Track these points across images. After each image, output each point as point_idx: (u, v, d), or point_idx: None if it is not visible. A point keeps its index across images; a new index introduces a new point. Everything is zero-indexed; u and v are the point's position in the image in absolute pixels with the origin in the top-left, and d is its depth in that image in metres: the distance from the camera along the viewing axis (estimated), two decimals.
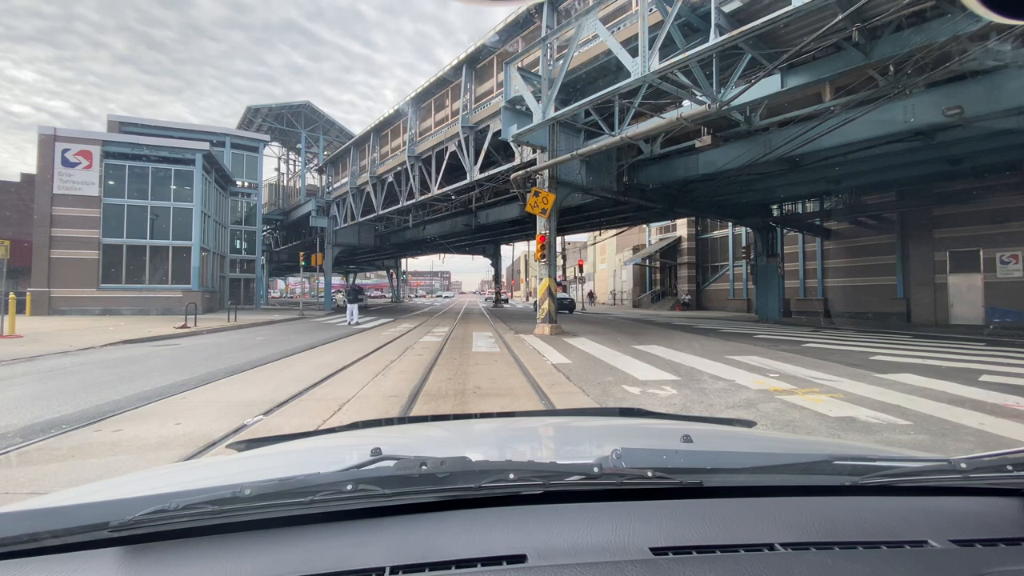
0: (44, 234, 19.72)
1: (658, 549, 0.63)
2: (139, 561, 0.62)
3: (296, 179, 38.38)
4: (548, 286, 13.03)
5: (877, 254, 19.77)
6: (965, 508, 0.78)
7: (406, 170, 20.17)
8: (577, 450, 1.31)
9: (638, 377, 6.50)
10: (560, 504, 0.73)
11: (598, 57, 10.76)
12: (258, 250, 30.84)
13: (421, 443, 1.36)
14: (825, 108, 9.94)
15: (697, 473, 0.77)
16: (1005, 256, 16.25)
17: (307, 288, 71.25)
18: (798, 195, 19.56)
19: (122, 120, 26.53)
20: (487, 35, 14.30)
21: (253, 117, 33.28)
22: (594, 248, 44.67)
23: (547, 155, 12.68)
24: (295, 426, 4.08)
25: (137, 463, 3.23)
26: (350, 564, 0.61)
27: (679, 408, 4.83)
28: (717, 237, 29.43)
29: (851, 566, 0.62)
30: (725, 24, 7.89)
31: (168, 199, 21.56)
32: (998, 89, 8.77)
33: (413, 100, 18.99)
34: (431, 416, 1.88)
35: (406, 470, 0.73)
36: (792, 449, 1.21)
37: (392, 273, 55.96)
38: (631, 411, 1.66)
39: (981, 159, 12.95)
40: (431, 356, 8.57)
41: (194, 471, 1.26)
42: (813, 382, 6.06)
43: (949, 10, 7.26)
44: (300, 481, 0.70)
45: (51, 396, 5.21)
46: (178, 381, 6.10)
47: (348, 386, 5.84)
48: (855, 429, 4.08)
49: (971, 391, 5.46)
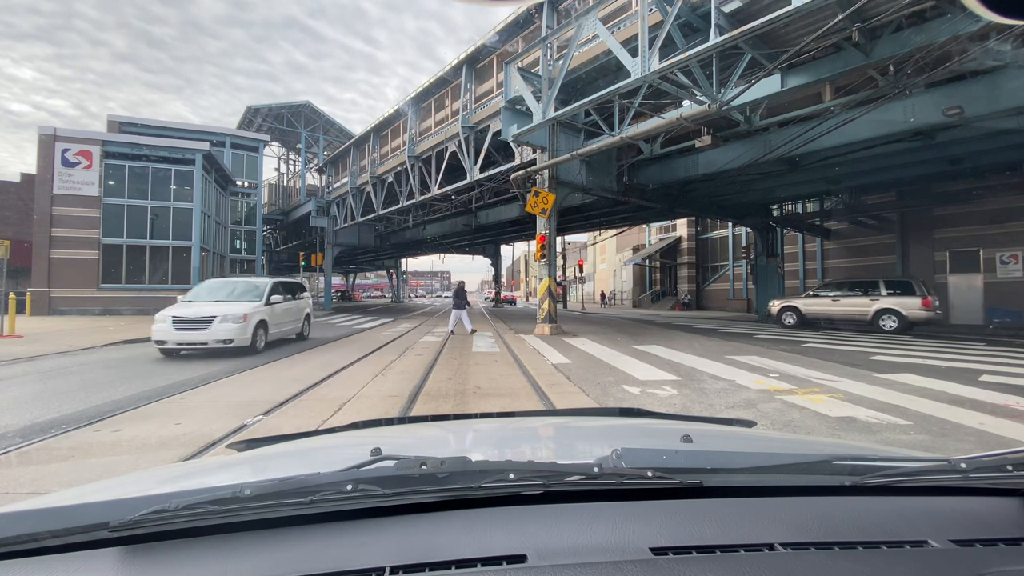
0: (44, 234, 19.72)
1: (658, 549, 0.63)
2: (139, 561, 0.62)
3: (296, 179, 38.37)
4: (548, 286, 13.03)
5: (877, 254, 19.77)
6: (965, 508, 0.78)
7: (406, 170, 20.17)
8: (577, 450, 1.31)
9: (638, 377, 6.50)
10: (560, 504, 0.73)
11: (598, 57, 10.76)
12: (258, 250, 30.84)
13: (421, 443, 1.36)
14: (825, 108, 9.94)
15: (697, 473, 0.77)
16: (1005, 256, 16.25)
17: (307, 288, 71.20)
18: (798, 195, 19.56)
19: (122, 120, 26.52)
20: (487, 35, 14.31)
21: (253, 117, 33.28)
22: (594, 248, 44.66)
23: (547, 155, 12.68)
24: (295, 426, 4.08)
25: (137, 463, 3.23)
26: (350, 564, 0.61)
27: (679, 408, 4.83)
28: (717, 237, 29.42)
29: (851, 566, 0.62)
30: (725, 24, 7.88)
31: (168, 199, 21.55)
32: (998, 89, 8.77)
33: (413, 100, 18.99)
34: (431, 416, 1.88)
35: (406, 470, 0.73)
36: (792, 449, 1.21)
37: (392, 273, 55.93)
38: (631, 411, 1.66)
39: (981, 159, 12.94)
40: (431, 356, 8.57)
41: (194, 471, 1.26)
42: (813, 382, 6.06)
43: (949, 10, 7.26)
44: (300, 481, 0.70)
45: (51, 396, 5.21)
46: (178, 381, 6.11)
47: (348, 386, 5.84)
48: (855, 429, 4.08)
49: (971, 391, 5.45)
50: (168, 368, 7.21)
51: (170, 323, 8.20)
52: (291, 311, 10.80)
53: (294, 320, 11.01)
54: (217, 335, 8.17)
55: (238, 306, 8.79)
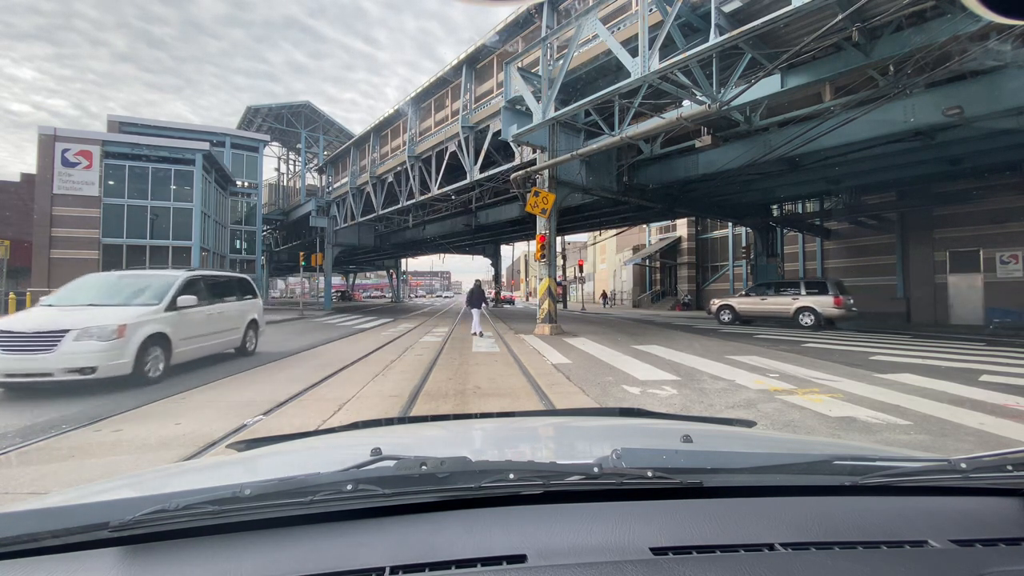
0: (44, 234, 19.75)
1: (658, 549, 0.63)
2: (139, 561, 0.62)
3: (296, 179, 38.39)
4: (548, 286, 13.03)
5: (877, 254, 19.78)
6: (965, 508, 0.78)
7: (406, 170, 20.17)
8: (577, 450, 1.31)
9: (638, 377, 6.50)
10: (560, 504, 0.73)
11: (598, 57, 10.76)
12: (258, 250, 30.86)
13: (421, 443, 1.36)
14: (825, 108, 9.95)
15: (697, 473, 0.78)
16: (1005, 256, 16.25)
17: (307, 288, 71.27)
18: (798, 195, 19.57)
19: (122, 120, 26.54)
20: (487, 35, 14.31)
21: (253, 117, 33.30)
22: (594, 248, 44.67)
23: (547, 155, 12.68)
24: (295, 426, 4.08)
25: (137, 463, 3.23)
26: (350, 564, 0.61)
27: (679, 408, 4.83)
28: (717, 237, 29.42)
29: (851, 566, 0.62)
30: (725, 24, 7.89)
31: (168, 199, 21.58)
32: (998, 89, 8.77)
33: (413, 100, 18.99)
34: (431, 416, 1.88)
35: (406, 470, 0.73)
36: (792, 449, 1.21)
37: (392, 273, 55.94)
38: (631, 411, 1.66)
39: (981, 159, 12.96)
40: (431, 356, 8.57)
41: (194, 471, 1.26)
42: (813, 382, 6.06)
43: (949, 10, 7.26)
44: (300, 481, 0.70)
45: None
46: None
47: (348, 386, 5.84)
48: (855, 429, 4.08)
49: (971, 391, 5.45)
50: None
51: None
52: (223, 317, 7.75)
53: (228, 330, 7.94)
54: (69, 360, 5.21)
55: (111, 313, 5.84)
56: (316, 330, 14.34)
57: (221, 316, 7.74)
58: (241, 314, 8.44)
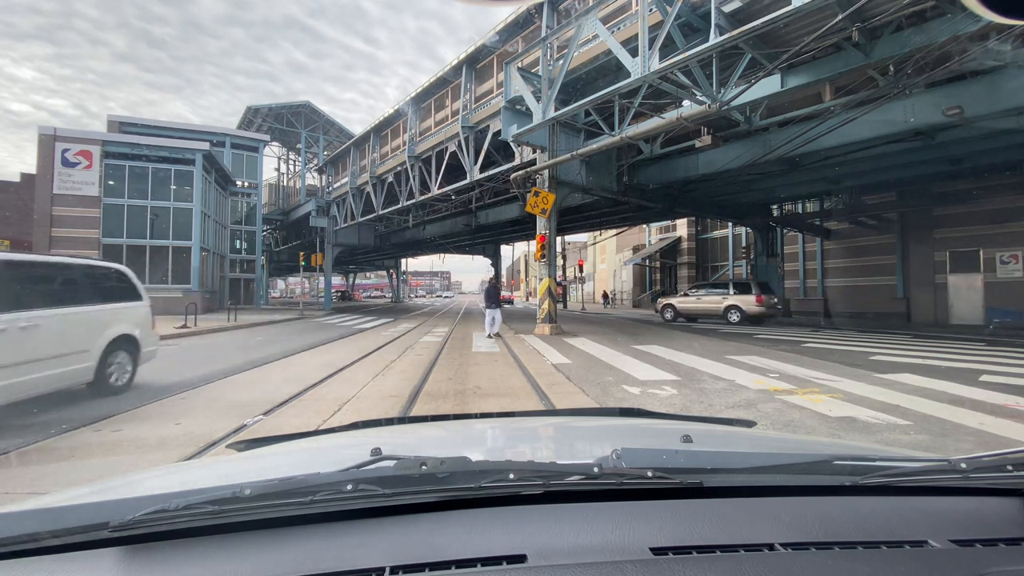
0: (44, 234, 19.74)
1: (658, 549, 0.63)
2: (139, 561, 0.62)
3: (296, 179, 38.39)
4: (548, 286, 13.02)
5: (877, 254, 19.77)
6: (965, 508, 0.78)
7: (406, 170, 20.16)
8: (577, 450, 1.31)
9: (638, 377, 6.50)
10: (560, 504, 0.73)
11: (598, 57, 10.75)
12: (258, 250, 30.86)
13: (421, 443, 1.36)
14: (825, 108, 9.94)
15: (697, 473, 0.78)
16: (1005, 256, 16.24)
17: (307, 288, 71.26)
18: (798, 195, 19.56)
19: (122, 120, 26.54)
20: (487, 35, 14.31)
21: (253, 117, 33.29)
22: (594, 248, 44.65)
23: (547, 155, 12.68)
24: (295, 426, 4.08)
25: (137, 463, 3.23)
26: (350, 564, 0.61)
27: (679, 408, 4.83)
28: (717, 237, 29.40)
29: (851, 566, 0.62)
30: (725, 24, 7.89)
31: (168, 199, 21.57)
32: (998, 89, 8.77)
33: (413, 100, 18.99)
34: (431, 416, 1.88)
35: (406, 470, 0.73)
36: (792, 449, 1.21)
37: (392, 273, 55.92)
38: (631, 411, 1.66)
39: (981, 159, 12.94)
40: (431, 356, 8.56)
41: (194, 471, 1.26)
42: (813, 382, 6.06)
43: (949, 10, 7.26)
44: (300, 481, 0.70)
45: (50, 396, 5.19)
46: (177, 381, 6.10)
47: (348, 386, 5.84)
48: (855, 429, 4.08)
49: (971, 391, 5.45)
50: (167, 368, 6.95)
51: None
52: (57, 335, 4.70)
53: (68, 353, 4.81)
54: None
55: None
56: (316, 330, 14.34)
57: (54, 334, 4.66)
58: (96, 327, 5.20)
